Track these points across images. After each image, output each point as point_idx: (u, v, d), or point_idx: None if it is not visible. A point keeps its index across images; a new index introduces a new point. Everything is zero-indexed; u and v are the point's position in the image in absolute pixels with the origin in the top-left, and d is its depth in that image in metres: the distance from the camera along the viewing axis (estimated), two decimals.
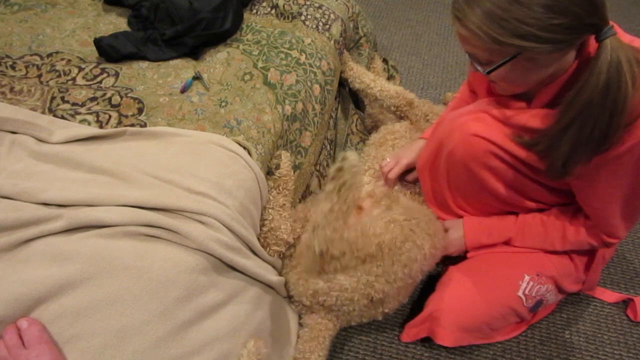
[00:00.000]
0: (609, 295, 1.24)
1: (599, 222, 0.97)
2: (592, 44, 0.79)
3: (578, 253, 1.07)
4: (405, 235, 0.98)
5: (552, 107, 0.85)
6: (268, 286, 0.99)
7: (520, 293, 1.03)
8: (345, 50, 1.50)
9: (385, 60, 1.82)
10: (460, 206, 1.07)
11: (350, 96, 1.60)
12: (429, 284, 1.21)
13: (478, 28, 0.75)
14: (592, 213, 0.97)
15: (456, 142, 0.96)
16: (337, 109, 1.52)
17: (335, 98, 1.51)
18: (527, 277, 1.03)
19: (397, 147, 1.30)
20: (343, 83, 1.53)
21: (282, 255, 1.07)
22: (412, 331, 1.08)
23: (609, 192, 0.89)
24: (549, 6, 0.70)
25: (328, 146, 1.44)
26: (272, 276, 0.99)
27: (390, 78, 1.80)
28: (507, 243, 1.07)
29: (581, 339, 1.17)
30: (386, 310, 1.06)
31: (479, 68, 0.84)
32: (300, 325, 1.09)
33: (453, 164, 0.98)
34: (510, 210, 1.05)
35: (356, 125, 1.58)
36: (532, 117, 0.88)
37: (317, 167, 1.34)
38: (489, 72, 0.82)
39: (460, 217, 1.11)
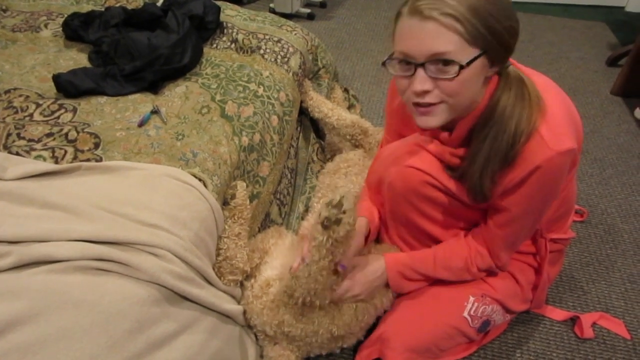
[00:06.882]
0: (558, 314, 1.29)
1: (497, 244, 1.03)
2: (494, 80, 0.90)
3: (522, 274, 1.12)
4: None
5: (468, 145, 0.92)
6: (225, 315, 1.01)
7: (465, 314, 1.07)
8: (306, 80, 1.56)
9: (346, 90, 1.89)
10: (401, 236, 1.11)
11: (311, 125, 1.65)
12: None
13: (461, 15, 0.78)
14: (494, 235, 1.02)
15: (394, 175, 1.02)
16: (298, 138, 1.57)
17: (297, 127, 1.55)
18: (472, 299, 1.07)
19: (349, 174, 1.34)
20: (305, 112, 1.58)
21: (240, 285, 1.09)
22: (364, 352, 1.11)
23: (519, 211, 0.95)
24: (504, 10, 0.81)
25: (289, 175, 1.47)
26: (228, 305, 1.00)
27: (350, 107, 1.86)
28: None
29: (531, 357, 1.21)
30: (345, 346, 1.10)
31: (443, 73, 0.82)
32: (262, 357, 1.10)
33: (394, 195, 1.03)
34: (446, 233, 1.09)
35: (317, 154, 1.63)
36: (454, 156, 0.95)
37: (277, 196, 1.37)
38: (466, 66, 0.80)
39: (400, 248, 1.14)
